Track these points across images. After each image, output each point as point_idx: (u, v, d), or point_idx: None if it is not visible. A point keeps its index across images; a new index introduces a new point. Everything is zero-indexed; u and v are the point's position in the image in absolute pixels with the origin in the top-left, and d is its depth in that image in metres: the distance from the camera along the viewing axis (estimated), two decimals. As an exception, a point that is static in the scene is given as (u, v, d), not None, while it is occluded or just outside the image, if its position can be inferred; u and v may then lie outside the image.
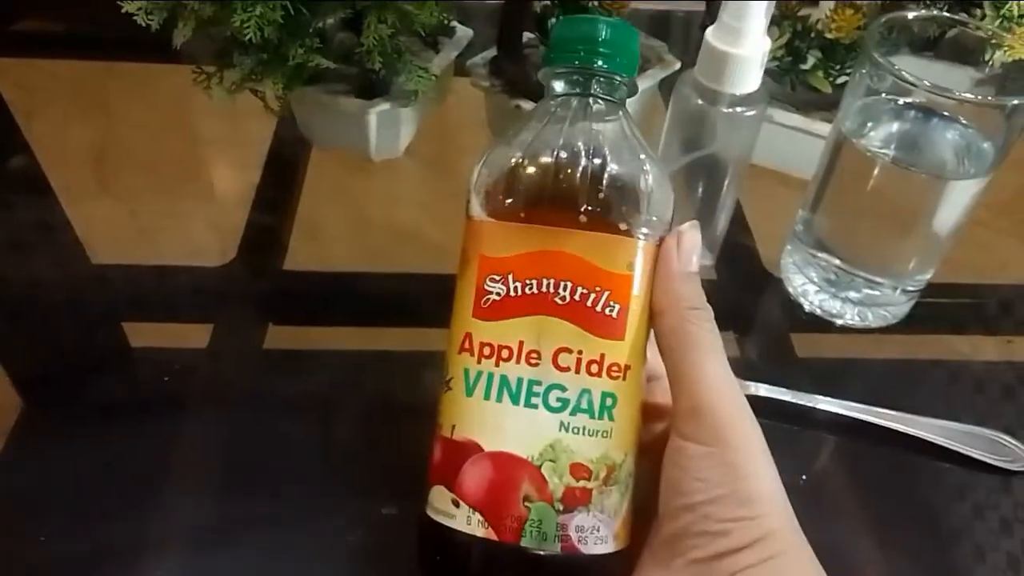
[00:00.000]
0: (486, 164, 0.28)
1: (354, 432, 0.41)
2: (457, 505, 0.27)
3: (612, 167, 0.27)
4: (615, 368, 0.27)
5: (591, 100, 0.28)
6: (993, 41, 0.43)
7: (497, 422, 0.27)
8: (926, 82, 0.39)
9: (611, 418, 0.27)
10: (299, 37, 0.45)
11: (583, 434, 0.26)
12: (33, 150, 0.55)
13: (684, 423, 0.26)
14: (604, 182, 0.27)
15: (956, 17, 0.44)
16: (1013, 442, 0.41)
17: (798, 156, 0.52)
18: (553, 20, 0.52)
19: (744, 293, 0.50)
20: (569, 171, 0.27)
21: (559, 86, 0.29)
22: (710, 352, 0.27)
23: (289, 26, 0.44)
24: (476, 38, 0.57)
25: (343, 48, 0.49)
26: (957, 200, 0.42)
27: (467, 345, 0.27)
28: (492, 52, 0.54)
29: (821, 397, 0.42)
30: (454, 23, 0.57)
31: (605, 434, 0.27)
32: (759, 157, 0.50)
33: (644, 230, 0.27)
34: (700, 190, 0.46)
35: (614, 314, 0.27)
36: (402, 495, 0.37)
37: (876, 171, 0.42)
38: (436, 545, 0.28)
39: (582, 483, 0.26)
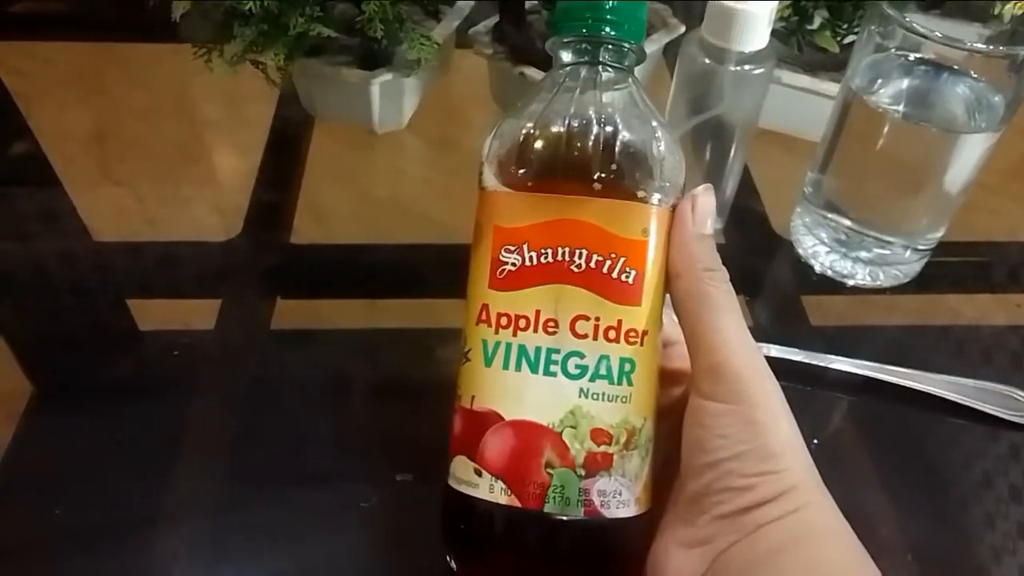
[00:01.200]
0: (497, 136, 0.28)
1: (366, 407, 0.41)
2: (480, 474, 0.27)
3: (623, 134, 0.27)
4: (632, 334, 0.27)
5: (600, 68, 0.28)
6: (1003, -7, 0.42)
7: (517, 391, 0.27)
8: (937, 33, 0.38)
9: (630, 383, 0.27)
10: (299, 6, 0.44)
11: (603, 400, 0.27)
12: (35, 135, 0.54)
13: (704, 382, 0.26)
14: (616, 149, 0.27)
15: (966, -32, 0.44)
16: (1026, 396, 0.41)
17: (806, 118, 0.51)
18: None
19: (754, 256, 0.50)
20: (581, 140, 0.27)
21: (567, 55, 0.29)
22: (727, 312, 0.27)
23: (289, -5, 0.44)
24: (477, 9, 0.57)
25: (344, 18, 0.49)
26: (968, 155, 0.42)
27: (484, 316, 0.27)
28: (494, 20, 0.53)
29: (832, 356, 0.41)
30: (455, -8, 0.56)
31: (624, 399, 0.27)
32: (767, 120, 0.50)
33: (657, 196, 0.27)
34: (708, 154, 0.45)
35: (630, 280, 0.27)
36: (415, 464, 0.38)
37: (886, 128, 0.42)
38: (459, 515, 0.28)
39: (603, 448, 0.26)
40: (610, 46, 0.28)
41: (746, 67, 0.41)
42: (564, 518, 0.26)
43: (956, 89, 0.42)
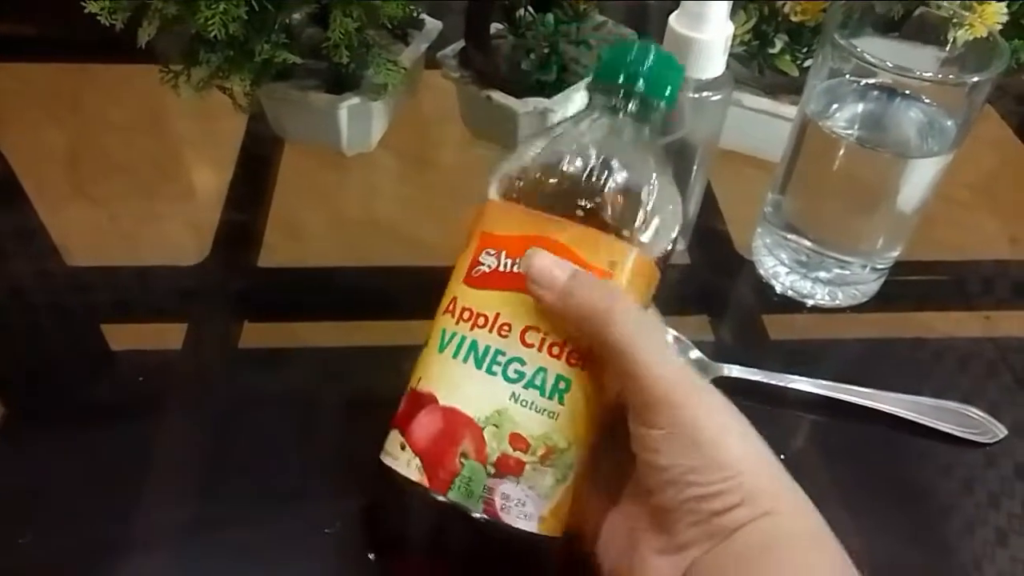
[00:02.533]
0: (512, 155, 0.31)
1: (332, 428, 0.41)
2: (403, 448, 0.29)
3: (618, 175, 0.29)
4: (575, 355, 0.28)
5: (622, 115, 0.31)
6: (955, 20, 0.43)
7: (457, 380, 0.28)
8: (888, 63, 0.39)
9: (561, 401, 0.28)
10: (265, 33, 0.45)
11: (530, 409, 0.28)
12: (5, 155, 0.54)
13: (641, 415, 0.27)
14: (606, 185, 0.29)
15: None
16: (980, 414, 0.41)
17: (767, 139, 0.52)
18: (521, 12, 0.52)
19: (716, 276, 0.50)
20: (578, 169, 0.29)
21: (600, 100, 0.31)
22: (642, 343, 0.27)
23: (254, 22, 0.44)
24: (447, 30, 0.57)
25: (311, 42, 0.49)
26: (921, 177, 0.43)
27: (451, 308, 0.29)
28: (462, 44, 0.54)
29: (792, 376, 0.42)
30: (423, 15, 0.57)
31: (551, 415, 0.28)
32: (729, 141, 0.51)
33: (639, 238, 0.29)
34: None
35: None
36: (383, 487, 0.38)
37: (841, 151, 0.43)
38: (381, 483, 0.30)
39: (518, 454, 0.28)
40: (639, 99, 0.31)
41: (704, 93, 0.41)
42: (463, 508, 0.27)
43: (909, 113, 0.43)
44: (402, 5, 0.48)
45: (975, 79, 0.39)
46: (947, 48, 0.44)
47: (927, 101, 0.43)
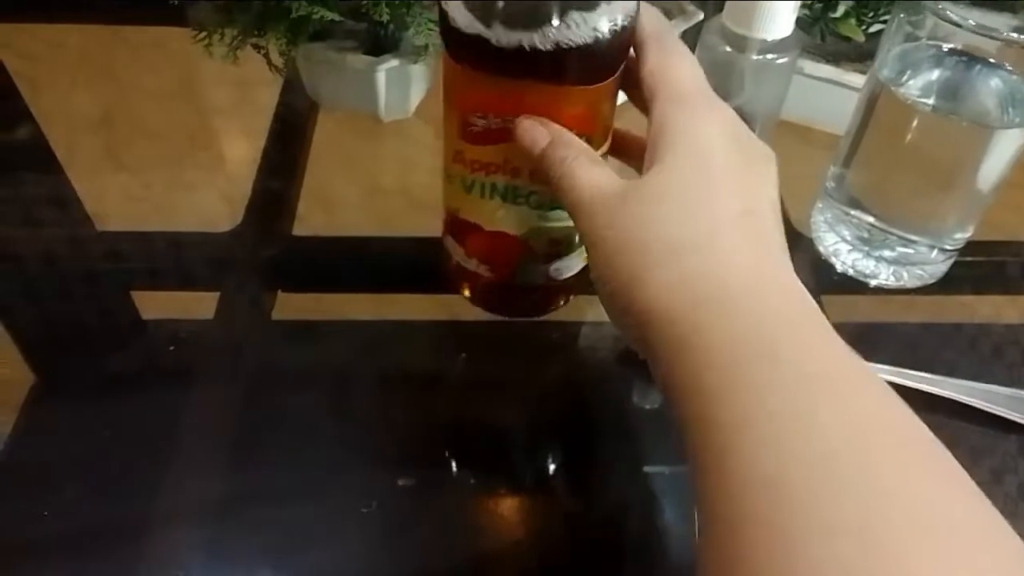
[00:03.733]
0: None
1: (367, 403, 0.40)
2: (469, 257, 0.36)
3: (573, 25, 0.28)
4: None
5: None
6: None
7: (492, 213, 0.34)
8: (970, 22, 0.36)
9: None
10: (302, -12, 0.43)
11: (557, 221, 0.34)
12: (38, 122, 0.53)
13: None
14: (570, 51, 0.29)
15: (1001, -46, 0.41)
16: (1058, 406, 0.39)
17: (829, 109, 0.49)
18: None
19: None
20: (536, 34, 0.29)
21: None
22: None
23: (291, -23, 0.42)
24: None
25: (350, 0, 0.47)
26: (1001, 151, 0.40)
27: (459, 159, 0.33)
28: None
29: (855, 361, 0.40)
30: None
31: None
32: (787, 111, 0.48)
33: (605, 73, 0.30)
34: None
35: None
36: (417, 466, 0.37)
37: (915, 122, 0.40)
38: (456, 276, 0.38)
39: (556, 247, 0.35)
40: None
41: (769, 56, 0.39)
42: (528, 283, 0.37)
43: (989, 82, 0.40)
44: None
45: (1068, 42, 0.36)
46: (1022, 15, 0.41)
47: (1009, 68, 0.40)
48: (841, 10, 0.50)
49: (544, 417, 0.40)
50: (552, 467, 0.38)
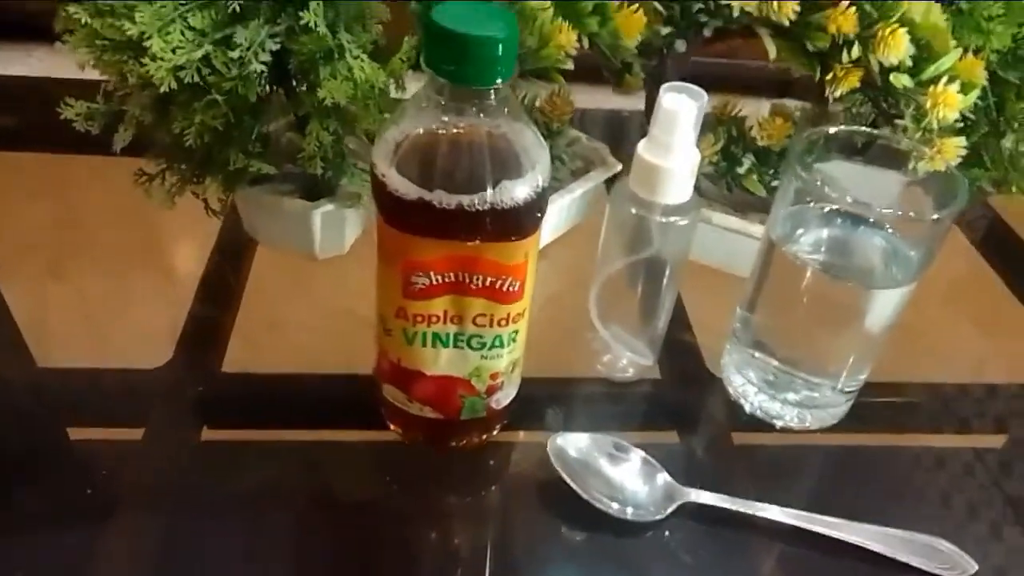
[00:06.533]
0: (390, 163, 0.33)
1: (294, 525, 0.40)
2: (411, 401, 0.40)
3: (506, 191, 0.33)
4: (518, 316, 0.37)
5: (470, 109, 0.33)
6: (915, 154, 0.45)
7: (435, 358, 0.38)
8: (848, 196, 0.40)
9: (514, 341, 0.39)
10: (240, 143, 0.45)
11: (497, 357, 0.38)
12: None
13: None
14: (504, 206, 0.33)
15: (876, 132, 0.46)
16: (950, 547, 0.41)
17: (737, 255, 0.53)
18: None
19: (686, 392, 0.50)
20: (472, 198, 0.32)
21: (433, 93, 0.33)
22: None
23: (230, 131, 0.45)
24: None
25: (290, 148, 0.49)
26: (885, 307, 0.43)
27: (401, 314, 0.36)
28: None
29: (761, 504, 0.41)
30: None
31: (512, 351, 0.39)
32: (700, 256, 0.51)
33: (537, 223, 0.35)
34: (640, 290, 0.46)
35: (515, 288, 0.36)
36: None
37: (805, 278, 0.43)
38: (395, 419, 0.42)
39: (498, 380, 0.39)
40: (485, 92, 0.32)
41: (672, 218, 0.42)
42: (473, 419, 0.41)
43: (873, 241, 0.44)
44: (379, 118, 0.48)
45: (935, 216, 0.40)
46: (911, 173, 0.45)
47: (891, 230, 0.44)
48: (745, 166, 0.54)
49: (480, 540, 0.40)
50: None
